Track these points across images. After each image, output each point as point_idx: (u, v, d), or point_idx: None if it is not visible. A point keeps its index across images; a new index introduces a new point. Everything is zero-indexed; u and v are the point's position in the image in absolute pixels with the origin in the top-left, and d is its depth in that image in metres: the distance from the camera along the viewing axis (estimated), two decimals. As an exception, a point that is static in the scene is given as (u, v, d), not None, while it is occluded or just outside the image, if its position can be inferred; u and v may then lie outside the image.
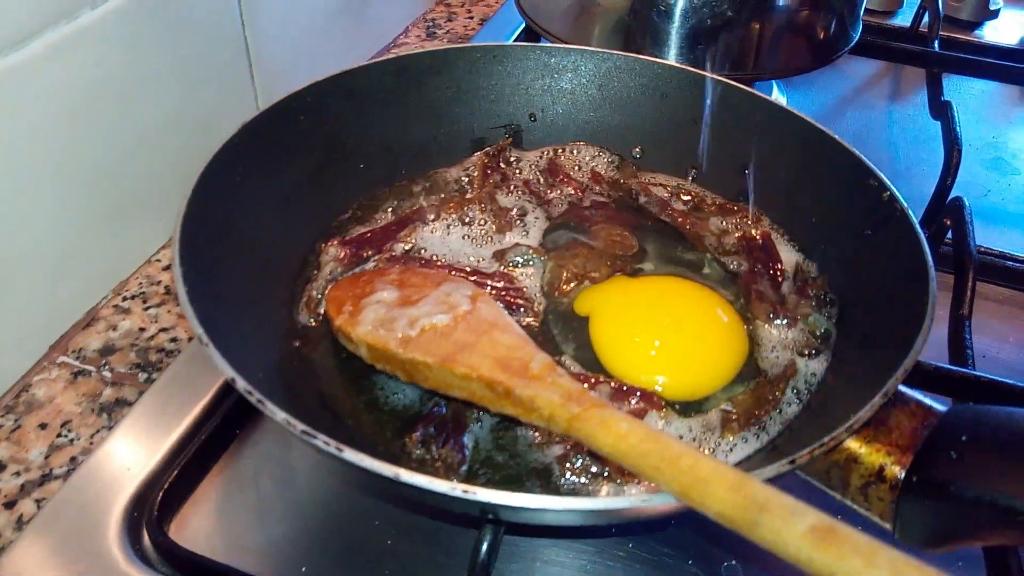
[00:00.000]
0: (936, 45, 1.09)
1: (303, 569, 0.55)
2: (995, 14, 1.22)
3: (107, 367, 0.69)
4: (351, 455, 0.41)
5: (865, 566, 0.33)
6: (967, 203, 0.78)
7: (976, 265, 0.72)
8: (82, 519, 0.56)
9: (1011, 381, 0.62)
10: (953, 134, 0.88)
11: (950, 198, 0.81)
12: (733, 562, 0.56)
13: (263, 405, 0.44)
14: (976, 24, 1.22)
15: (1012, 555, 0.54)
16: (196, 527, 0.58)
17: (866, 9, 1.25)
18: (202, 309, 0.49)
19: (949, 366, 0.62)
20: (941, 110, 0.94)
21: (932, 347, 0.71)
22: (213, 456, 0.61)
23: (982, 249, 0.81)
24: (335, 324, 0.58)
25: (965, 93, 1.10)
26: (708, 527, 0.40)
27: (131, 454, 0.60)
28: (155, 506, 0.56)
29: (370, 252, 0.66)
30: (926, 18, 1.15)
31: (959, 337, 0.69)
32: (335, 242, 0.66)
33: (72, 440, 0.63)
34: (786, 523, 0.35)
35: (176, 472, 0.58)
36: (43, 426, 0.64)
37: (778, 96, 1.08)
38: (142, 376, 0.68)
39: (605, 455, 0.43)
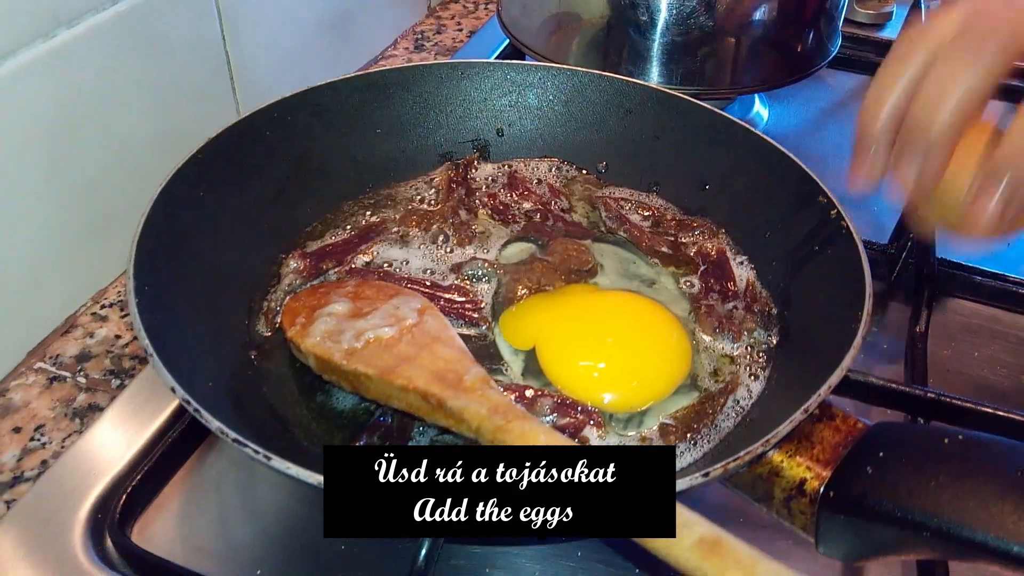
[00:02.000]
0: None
1: (258, 572, 0.57)
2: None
3: (82, 373, 0.71)
4: (278, 463, 0.43)
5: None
6: (931, 218, 0.79)
7: (934, 283, 0.73)
8: (48, 521, 0.59)
9: (956, 397, 0.63)
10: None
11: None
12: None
13: (199, 414, 0.46)
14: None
15: (940, 567, 0.54)
16: (158, 530, 0.60)
17: (855, 22, 1.26)
18: (153, 321, 0.51)
19: (889, 383, 0.63)
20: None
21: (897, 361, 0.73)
22: (177, 461, 0.63)
23: (951, 263, 0.81)
24: (287, 335, 0.60)
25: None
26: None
27: (98, 458, 0.63)
28: (118, 509, 0.58)
29: (331, 264, 0.68)
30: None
31: (915, 353, 0.70)
32: (296, 254, 0.67)
33: (44, 444, 0.66)
34: (677, 534, 0.37)
35: (139, 476, 0.60)
36: (17, 430, 0.66)
37: (760, 109, 1.09)
38: (115, 382, 0.71)
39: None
